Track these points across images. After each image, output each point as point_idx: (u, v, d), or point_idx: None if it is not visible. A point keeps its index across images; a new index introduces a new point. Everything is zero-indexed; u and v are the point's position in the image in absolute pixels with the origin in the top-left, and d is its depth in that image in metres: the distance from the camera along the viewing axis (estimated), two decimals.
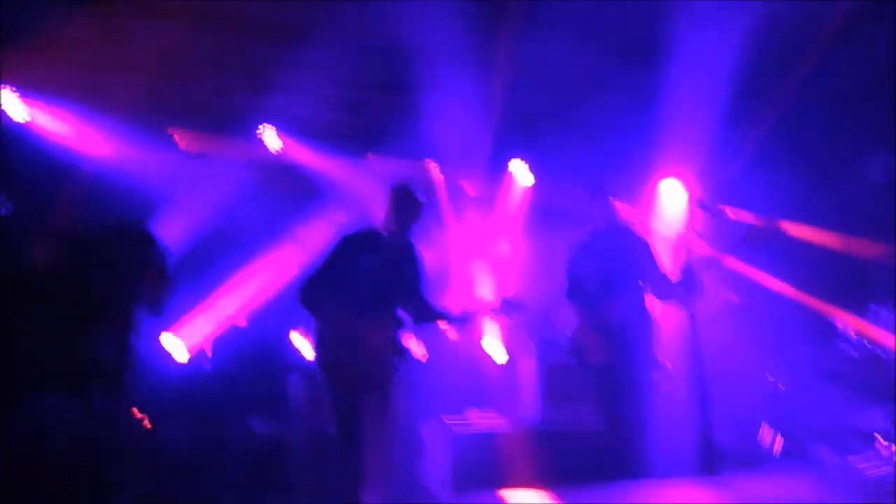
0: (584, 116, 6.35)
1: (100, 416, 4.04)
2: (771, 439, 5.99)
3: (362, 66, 5.87)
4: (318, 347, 4.03)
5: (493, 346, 6.86)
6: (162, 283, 4.31)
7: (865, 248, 6.33)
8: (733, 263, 6.33)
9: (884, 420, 5.52)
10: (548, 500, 2.12)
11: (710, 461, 3.83)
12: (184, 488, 5.67)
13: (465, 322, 4.33)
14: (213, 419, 5.98)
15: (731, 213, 4.80)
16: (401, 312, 4.19)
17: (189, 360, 6.12)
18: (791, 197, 6.21)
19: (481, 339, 6.79)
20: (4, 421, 4.09)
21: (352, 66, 5.83)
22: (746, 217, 4.71)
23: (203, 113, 6.22)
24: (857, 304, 6.10)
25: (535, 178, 7.26)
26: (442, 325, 4.35)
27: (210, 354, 6.23)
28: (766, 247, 5.23)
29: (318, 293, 4.00)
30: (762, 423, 6.10)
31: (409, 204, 4.16)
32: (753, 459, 5.81)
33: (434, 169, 7.16)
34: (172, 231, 5.76)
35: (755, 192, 6.01)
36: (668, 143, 6.33)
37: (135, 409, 5.38)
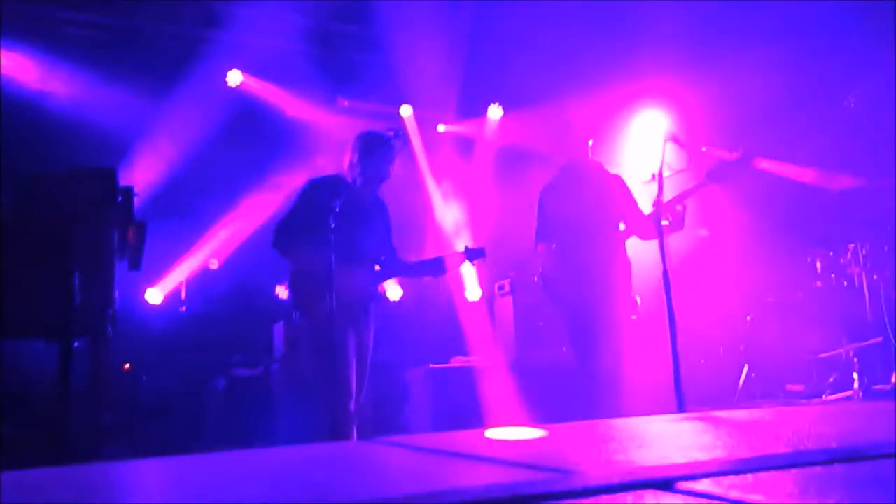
0: (555, 48, 6.20)
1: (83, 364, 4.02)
2: (744, 377, 6.03)
3: None
4: (293, 290, 4.03)
5: (468, 286, 6.89)
6: (133, 229, 4.23)
7: (842, 183, 6.26)
8: (707, 198, 6.27)
9: (858, 357, 5.56)
10: (527, 435, 2.14)
11: (681, 399, 3.84)
12: (167, 431, 5.75)
13: (435, 271, 4.33)
14: (193, 362, 6.03)
15: (705, 146, 4.72)
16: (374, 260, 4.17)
17: (164, 302, 6.13)
18: (767, 130, 6.12)
19: (455, 282, 6.82)
20: None
21: None
22: (721, 151, 4.63)
23: (160, 48, 6.05)
24: (833, 240, 6.06)
25: (507, 114, 7.16)
26: (421, 276, 4.34)
27: (184, 297, 6.24)
28: (740, 181, 5.16)
29: (290, 236, 3.99)
30: (734, 361, 6.14)
31: (376, 152, 4.07)
32: (726, 397, 5.88)
33: (406, 111, 7.04)
34: (142, 175, 5.68)
35: (731, 125, 5.93)
36: (642, 76, 6.21)
37: (126, 365, 5.40)
